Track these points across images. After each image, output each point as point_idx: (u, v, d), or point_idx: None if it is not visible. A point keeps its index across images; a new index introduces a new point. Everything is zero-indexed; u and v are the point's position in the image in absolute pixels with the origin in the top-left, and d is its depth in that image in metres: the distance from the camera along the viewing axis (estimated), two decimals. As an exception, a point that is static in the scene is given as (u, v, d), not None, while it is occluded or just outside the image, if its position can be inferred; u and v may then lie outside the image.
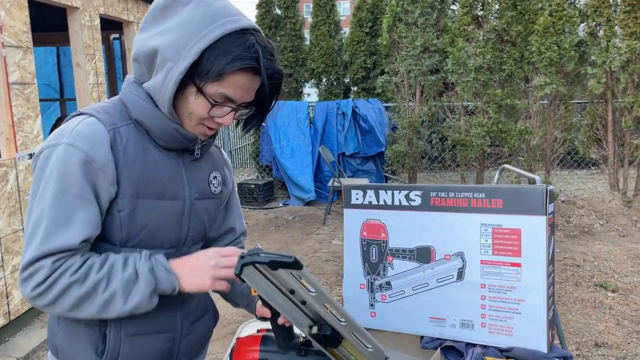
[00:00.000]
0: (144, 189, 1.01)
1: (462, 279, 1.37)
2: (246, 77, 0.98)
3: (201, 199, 1.12)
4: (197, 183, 1.12)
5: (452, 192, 1.40)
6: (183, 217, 1.08)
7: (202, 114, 1.01)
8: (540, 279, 1.29)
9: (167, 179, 1.05)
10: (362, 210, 1.51)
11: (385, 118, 6.76)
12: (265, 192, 6.89)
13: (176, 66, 0.95)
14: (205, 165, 1.16)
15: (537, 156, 5.78)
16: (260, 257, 0.84)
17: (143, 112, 1.02)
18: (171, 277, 0.98)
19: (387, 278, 1.48)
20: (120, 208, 0.99)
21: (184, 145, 1.06)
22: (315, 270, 4.34)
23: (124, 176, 0.99)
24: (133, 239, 1.01)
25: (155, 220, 1.03)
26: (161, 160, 1.05)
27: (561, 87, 5.51)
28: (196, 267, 0.99)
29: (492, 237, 1.35)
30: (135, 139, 1.02)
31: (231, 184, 1.27)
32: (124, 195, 0.99)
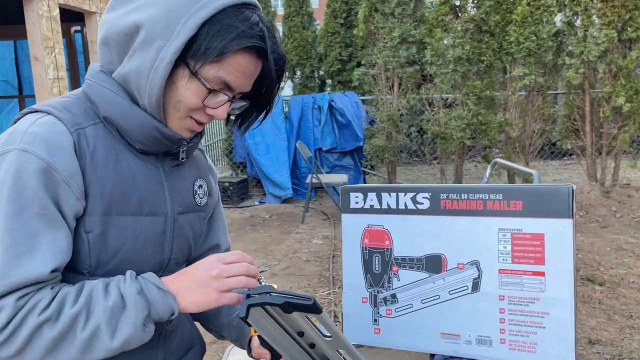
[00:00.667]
0: (117, 204, 0.83)
1: (477, 290, 1.24)
2: (250, 59, 0.82)
3: (185, 213, 0.94)
4: (180, 194, 0.94)
5: (465, 194, 1.26)
6: (165, 236, 0.90)
7: (193, 103, 0.83)
8: (567, 290, 1.17)
9: (145, 191, 0.87)
10: (363, 215, 1.36)
11: (363, 112, 6.63)
12: (240, 190, 6.69)
13: (169, 44, 0.77)
14: (189, 172, 0.98)
15: (516, 148, 5.74)
16: (272, 298, 0.70)
17: (115, 107, 0.83)
18: (167, 297, 0.80)
19: (393, 290, 1.33)
20: (89, 228, 0.81)
21: (166, 148, 0.87)
22: (296, 272, 4.18)
23: (92, 189, 0.81)
24: (104, 265, 0.83)
25: (132, 241, 0.84)
26: (137, 168, 0.86)
27: (539, 77, 5.47)
28: (195, 281, 0.82)
29: (511, 243, 1.22)
30: (104, 143, 0.84)
31: (216, 193, 1.09)
32: (92, 212, 0.81)
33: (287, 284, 3.93)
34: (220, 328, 1.08)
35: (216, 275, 0.81)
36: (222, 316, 1.08)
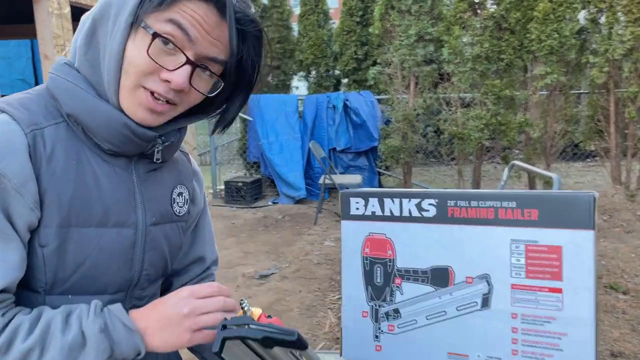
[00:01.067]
0: (77, 214, 0.74)
1: (488, 307, 1.13)
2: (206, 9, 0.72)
3: (160, 224, 0.85)
4: (156, 202, 0.84)
5: (474, 201, 1.15)
6: (135, 249, 0.80)
7: (141, 60, 0.71)
8: (586, 308, 1.06)
9: (112, 199, 0.77)
10: (364, 223, 1.26)
11: (378, 111, 6.51)
12: (254, 190, 6.63)
13: (123, 9, 0.70)
14: (167, 177, 0.88)
15: (537, 149, 5.56)
16: (250, 331, 0.62)
17: (78, 103, 0.74)
18: (133, 337, 0.72)
19: (395, 305, 1.23)
20: (44, 242, 0.72)
21: (138, 148, 0.78)
22: (306, 275, 4.09)
23: (49, 197, 0.72)
24: (62, 283, 0.74)
25: (95, 256, 0.75)
26: (103, 173, 0.77)
27: (562, 76, 5.28)
28: (166, 318, 0.73)
29: (525, 255, 1.11)
30: (65, 145, 0.74)
31: (202, 201, 0.99)
32: (48, 224, 0.72)
33: (297, 287, 3.84)
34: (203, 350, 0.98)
35: (188, 313, 0.72)
36: None
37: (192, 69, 0.73)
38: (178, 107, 0.78)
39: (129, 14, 0.70)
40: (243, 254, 4.66)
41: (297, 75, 7.42)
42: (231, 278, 4.07)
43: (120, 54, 0.71)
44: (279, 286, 3.87)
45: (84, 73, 0.76)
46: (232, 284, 3.94)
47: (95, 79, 0.75)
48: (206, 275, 1.04)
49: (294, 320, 3.27)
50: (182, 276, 1.00)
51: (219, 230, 5.47)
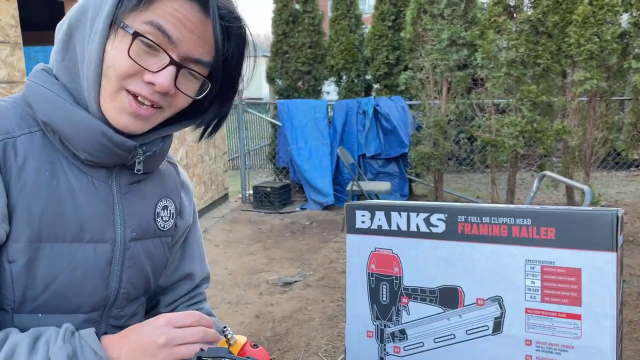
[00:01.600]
0: (49, 228, 0.70)
1: (500, 332, 1.05)
2: (188, 8, 0.69)
3: (141, 239, 0.81)
4: (136, 216, 0.80)
5: (486, 217, 1.07)
6: (112, 267, 0.77)
7: (122, 62, 0.68)
8: (607, 337, 0.96)
9: (88, 213, 0.74)
10: (370, 237, 1.20)
11: (409, 117, 6.40)
12: (282, 196, 6.61)
13: (101, 11, 0.67)
14: (152, 190, 0.84)
15: (575, 158, 5.33)
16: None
17: (54, 110, 0.71)
18: None
19: (402, 325, 1.16)
20: (12, 257, 0.69)
21: (118, 158, 0.74)
22: (330, 284, 4.02)
23: (18, 211, 0.69)
24: (32, 301, 0.71)
25: (67, 273, 0.72)
26: (80, 185, 0.74)
27: (602, 82, 5.05)
28: (140, 348, 0.68)
29: (540, 278, 1.02)
30: (39, 155, 0.72)
31: (191, 215, 0.95)
32: (18, 238, 0.69)
33: (320, 296, 3.78)
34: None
35: (164, 343, 0.68)
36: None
37: (176, 70, 0.70)
38: (164, 111, 0.74)
39: (107, 15, 0.67)
40: (268, 260, 4.64)
41: (328, 80, 7.38)
42: (254, 285, 4.04)
43: (99, 57, 0.68)
44: (301, 294, 3.82)
45: (62, 80, 0.73)
46: (255, 291, 3.91)
47: (74, 86, 0.73)
48: (195, 294, 0.99)
49: (315, 331, 3.21)
50: (169, 294, 0.96)
51: (246, 235, 5.47)
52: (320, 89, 7.37)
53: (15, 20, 3.00)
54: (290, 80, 7.21)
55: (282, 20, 7.05)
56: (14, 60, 2.98)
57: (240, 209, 6.73)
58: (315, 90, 7.27)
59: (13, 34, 2.98)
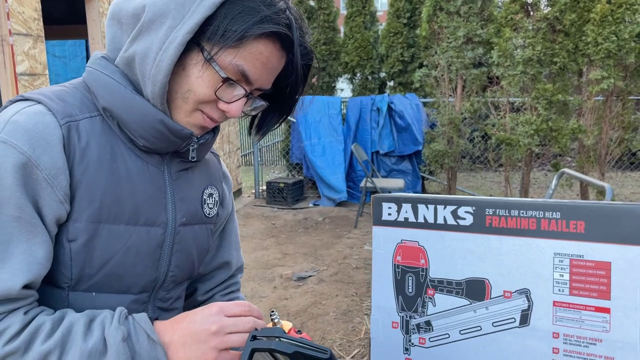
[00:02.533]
0: (108, 210, 0.73)
1: (527, 324, 1.06)
2: (272, 49, 0.72)
3: (190, 225, 0.83)
4: (186, 202, 0.83)
5: (515, 210, 1.08)
6: (162, 250, 0.79)
7: (205, 93, 0.73)
8: (637, 331, 0.97)
9: (143, 197, 0.76)
10: (396, 229, 1.20)
11: (423, 114, 6.38)
12: (295, 192, 6.63)
13: (182, 24, 0.68)
14: (198, 177, 0.87)
15: (590, 157, 5.29)
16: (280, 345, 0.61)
17: (115, 97, 0.74)
18: (156, 350, 0.69)
19: (427, 317, 1.17)
20: (72, 236, 0.71)
21: (173, 145, 0.77)
22: (344, 279, 4.04)
23: (80, 191, 0.71)
24: (87, 280, 0.73)
25: (121, 254, 0.74)
26: (137, 170, 0.77)
27: (619, 81, 5.00)
28: (192, 334, 0.70)
29: (569, 271, 1.03)
30: (101, 139, 0.74)
31: (230, 204, 0.98)
32: (78, 218, 0.71)
33: (334, 291, 3.79)
34: None
35: (216, 331, 0.70)
36: None
37: (246, 99, 0.76)
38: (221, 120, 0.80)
39: (188, 31, 0.69)
40: (282, 255, 4.66)
41: (342, 77, 7.38)
42: (269, 279, 4.07)
43: (170, 68, 0.70)
44: (315, 289, 3.84)
45: (122, 67, 0.76)
46: (269, 285, 3.93)
47: (133, 78, 0.75)
48: (231, 283, 1.02)
49: (329, 325, 3.23)
50: (207, 281, 0.99)
51: (259, 230, 5.50)
52: (335, 85, 7.37)
53: (38, 14, 3.04)
54: (304, 77, 7.21)
55: (296, 16, 7.05)
56: (36, 52, 3.02)
57: (253, 204, 6.77)
58: (329, 87, 7.28)
59: (35, 27, 3.02)
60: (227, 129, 6.82)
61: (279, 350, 0.61)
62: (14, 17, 2.84)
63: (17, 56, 2.87)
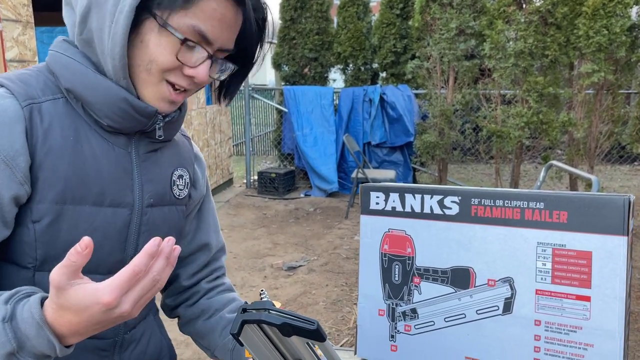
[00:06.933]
0: (73, 191, 0.73)
1: (510, 312, 1.08)
2: (225, 4, 0.72)
3: (158, 206, 0.84)
4: (154, 183, 0.83)
5: (499, 200, 1.10)
6: (129, 230, 0.80)
7: (167, 60, 0.72)
8: (615, 319, 0.99)
9: (109, 178, 0.77)
10: (383, 218, 1.22)
11: (415, 106, 6.40)
12: (286, 182, 6.64)
13: None
14: (167, 159, 0.87)
15: (580, 150, 5.34)
16: (269, 317, 0.62)
17: (77, 77, 0.74)
18: (45, 334, 0.60)
19: (413, 304, 1.19)
20: (36, 217, 0.72)
21: (139, 124, 0.77)
22: (334, 269, 4.06)
23: (44, 173, 0.71)
24: (53, 260, 0.72)
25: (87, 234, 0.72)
26: (102, 151, 0.77)
27: (610, 75, 5.04)
28: (85, 324, 0.60)
29: (552, 260, 1.05)
30: (64, 120, 0.74)
31: (204, 186, 0.98)
32: (42, 199, 0.72)
33: (324, 280, 3.82)
34: (214, 347, 0.97)
35: (118, 317, 0.60)
36: (215, 335, 0.96)
37: (211, 62, 0.75)
38: (192, 91, 0.79)
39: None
40: (272, 245, 4.68)
41: (335, 68, 7.36)
42: (259, 268, 4.08)
43: (125, 37, 0.70)
44: (306, 279, 3.86)
45: (82, 49, 0.76)
46: (260, 274, 3.95)
47: (95, 58, 0.75)
48: (215, 267, 1.02)
49: (319, 314, 3.26)
50: (188, 265, 0.99)
51: (250, 220, 5.51)
52: (327, 76, 7.35)
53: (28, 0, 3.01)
54: (297, 67, 7.20)
55: (290, 5, 7.02)
56: (25, 39, 2.99)
57: (244, 194, 6.77)
58: (321, 77, 7.26)
59: (25, 13, 2.98)
60: (218, 118, 6.80)
61: (268, 322, 0.62)
62: (3, 2, 2.81)
63: (7, 42, 2.84)
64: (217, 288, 1.02)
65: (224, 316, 0.96)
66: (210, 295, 1.00)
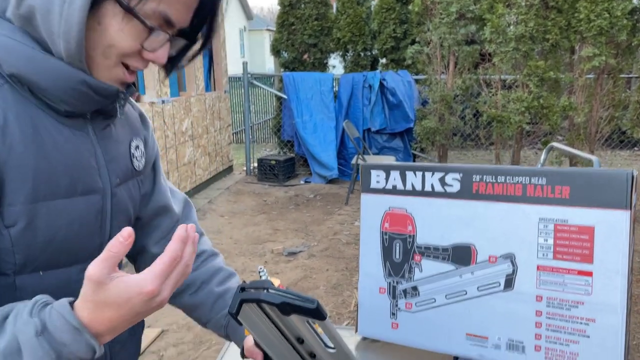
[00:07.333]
0: (44, 187, 0.67)
1: (511, 288, 1.08)
2: None
3: (122, 183, 0.80)
4: (117, 162, 0.79)
5: (501, 176, 1.09)
6: (103, 215, 0.76)
7: (129, 46, 0.68)
8: (618, 294, 0.99)
9: (76, 165, 0.71)
10: (384, 196, 1.21)
11: (415, 92, 6.36)
12: (286, 169, 6.62)
13: None
14: (122, 132, 0.82)
15: (580, 135, 5.32)
16: (268, 296, 0.61)
17: (23, 61, 0.64)
18: (82, 335, 0.57)
19: (414, 282, 1.18)
20: (10, 222, 0.65)
21: (98, 105, 0.72)
22: (334, 254, 4.07)
23: (10, 174, 0.64)
24: (33, 262, 0.69)
25: (65, 229, 0.70)
26: (63, 138, 0.70)
27: (611, 59, 5.01)
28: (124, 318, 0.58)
29: (553, 235, 1.04)
30: (16, 110, 0.65)
31: (154, 148, 0.93)
32: (13, 201, 0.65)
33: (325, 265, 3.83)
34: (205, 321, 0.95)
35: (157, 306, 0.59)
36: (205, 309, 0.94)
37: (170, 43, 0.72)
38: None
39: None
40: (273, 230, 4.68)
41: (334, 54, 7.31)
42: (259, 254, 4.09)
43: (83, 22, 0.63)
44: (306, 264, 3.87)
45: (21, 26, 0.66)
46: (260, 260, 3.96)
47: (37, 36, 0.66)
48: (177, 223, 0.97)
49: (319, 298, 3.26)
50: (153, 232, 0.94)
51: (250, 206, 5.51)
52: (326, 62, 7.30)
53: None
54: (296, 53, 7.15)
55: (288, -9, 6.96)
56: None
57: (244, 181, 6.76)
58: (321, 63, 7.21)
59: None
60: (217, 105, 6.77)
61: (267, 301, 0.60)
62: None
63: None
64: (199, 257, 0.98)
65: (212, 290, 0.94)
66: (193, 266, 0.97)
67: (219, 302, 0.93)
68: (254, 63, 17.54)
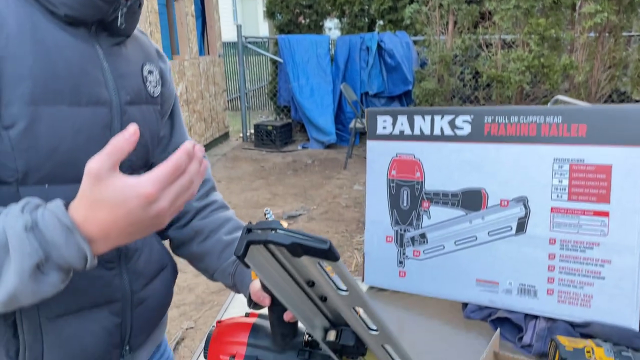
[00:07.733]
0: (44, 88, 0.65)
1: (523, 232, 1.05)
2: None
3: (135, 104, 0.77)
4: (127, 79, 0.76)
5: (514, 116, 1.05)
6: (111, 131, 0.72)
7: None
8: (635, 233, 0.97)
9: (79, 72, 0.69)
10: (391, 143, 1.17)
11: (414, 53, 6.24)
12: (283, 135, 6.55)
13: None
14: (133, 53, 0.80)
15: (580, 94, 5.25)
16: (277, 236, 0.56)
17: None
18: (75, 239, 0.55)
19: (422, 229, 1.15)
20: (8, 122, 0.63)
21: (99, 12, 0.70)
22: (334, 217, 4.05)
23: (6, 69, 0.62)
24: (36, 171, 0.66)
25: (70, 139, 0.67)
26: (65, 42, 0.68)
27: (613, 15, 4.90)
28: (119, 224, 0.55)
29: (569, 176, 1.01)
30: (16, 12, 0.65)
31: (172, 84, 0.91)
32: (10, 101, 0.62)
33: (325, 228, 3.81)
34: (212, 270, 0.92)
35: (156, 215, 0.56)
36: (213, 257, 0.91)
37: None
38: None
39: None
40: (271, 195, 4.65)
41: (330, 15, 7.14)
42: (259, 218, 4.07)
43: None
44: (306, 227, 3.85)
45: None
46: (260, 224, 3.95)
47: None
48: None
49: (321, 259, 3.26)
50: None
51: (248, 172, 5.47)
52: (322, 24, 7.15)
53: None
54: (291, 15, 6.98)
55: (282, -50, 6.75)
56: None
57: (241, 147, 6.69)
58: (317, 25, 7.05)
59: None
60: (212, 69, 6.64)
61: (276, 242, 0.56)
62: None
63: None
64: (209, 207, 0.96)
65: (220, 238, 0.91)
66: (202, 214, 0.94)
67: (227, 251, 0.91)
68: (248, 30, 17.17)
